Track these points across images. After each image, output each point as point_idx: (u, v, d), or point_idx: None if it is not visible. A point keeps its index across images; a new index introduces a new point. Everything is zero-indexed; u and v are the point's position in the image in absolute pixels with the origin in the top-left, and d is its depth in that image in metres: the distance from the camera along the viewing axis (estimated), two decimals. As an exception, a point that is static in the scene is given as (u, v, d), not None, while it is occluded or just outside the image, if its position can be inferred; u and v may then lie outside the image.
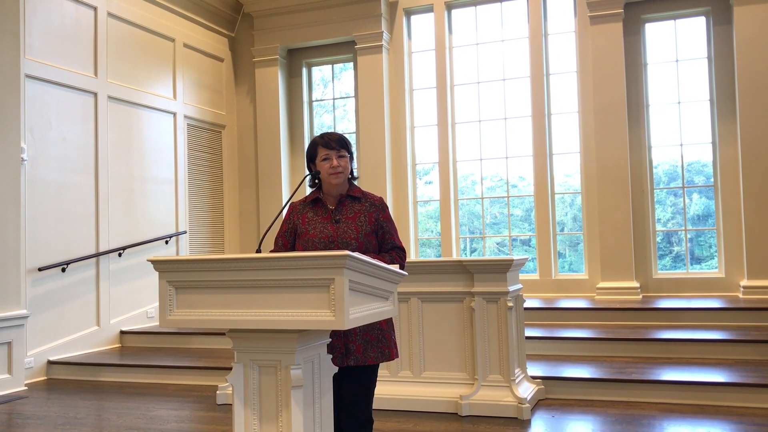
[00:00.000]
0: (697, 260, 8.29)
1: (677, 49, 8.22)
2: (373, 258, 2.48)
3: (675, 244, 8.37)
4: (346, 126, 9.67)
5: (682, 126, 8.17)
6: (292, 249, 2.93)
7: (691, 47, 8.18)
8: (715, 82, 7.96)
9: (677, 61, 8.21)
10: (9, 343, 5.89)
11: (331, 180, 2.89)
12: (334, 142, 2.90)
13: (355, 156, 3.17)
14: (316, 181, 2.98)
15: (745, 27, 7.55)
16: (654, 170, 8.25)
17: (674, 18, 8.21)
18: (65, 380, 6.55)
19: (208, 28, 9.26)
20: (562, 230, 8.73)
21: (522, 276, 8.01)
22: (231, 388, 2.30)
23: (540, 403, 4.97)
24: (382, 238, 2.92)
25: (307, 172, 2.99)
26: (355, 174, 3.03)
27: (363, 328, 2.76)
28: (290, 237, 2.95)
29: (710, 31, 8.03)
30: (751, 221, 7.47)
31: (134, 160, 7.89)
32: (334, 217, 2.89)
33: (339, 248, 2.78)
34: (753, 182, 7.48)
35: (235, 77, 9.77)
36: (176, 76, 8.60)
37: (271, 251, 2.72)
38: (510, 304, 4.71)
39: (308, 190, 3.19)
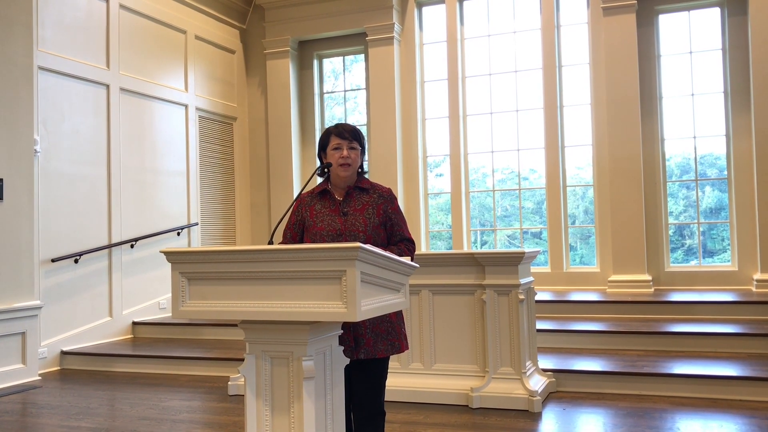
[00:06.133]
0: (709, 253, 8.23)
1: (691, 40, 8.14)
2: (384, 250, 2.47)
3: (687, 237, 8.32)
4: (357, 118, 9.66)
5: (695, 118, 8.10)
6: (301, 241, 2.92)
7: (706, 39, 8.10)
8: (730, 73, 7.87)
9: (691, 52, 8.13)
10: (23, 334, 5.95)
11: (339, 171, 2.87)
12: (347, 133, 2.88)
13: (366, 150, 3.15)
14: (326, 170, 2.97)
15: (760, 18, 7.46)
16: (667, 163, 8.19)
17: (688, 9, 8.13)
18: (78, 370, 6.61)
19: (219, 20, 9.26)
20: (573, 223, 8.70)
21: (533, 269, 7.99)
22: (243, 379, 2.31)
23: (551, 396, 4.96)
24: (390, 230, 2.90)
25: (318, 163, 2.97)
26: (364, 168, 3.02)
27: (372, 320, 2.75)
28: (298, 229, 2.94)
29: (725, 22, 7.94)
30: (765, 214, 7.40)
31: (146, 152, 7.92)
32: (341, 209, 2.86)
33: (347, 241, 2.77)
34: (767, 175, 7.41)
35: (246, 69, 9.77)
36: (188, 68, 8.62)
37: (280, 244, 2.72)
38: (521, 296, 4.70)
39: (319, 181, 3.18)
